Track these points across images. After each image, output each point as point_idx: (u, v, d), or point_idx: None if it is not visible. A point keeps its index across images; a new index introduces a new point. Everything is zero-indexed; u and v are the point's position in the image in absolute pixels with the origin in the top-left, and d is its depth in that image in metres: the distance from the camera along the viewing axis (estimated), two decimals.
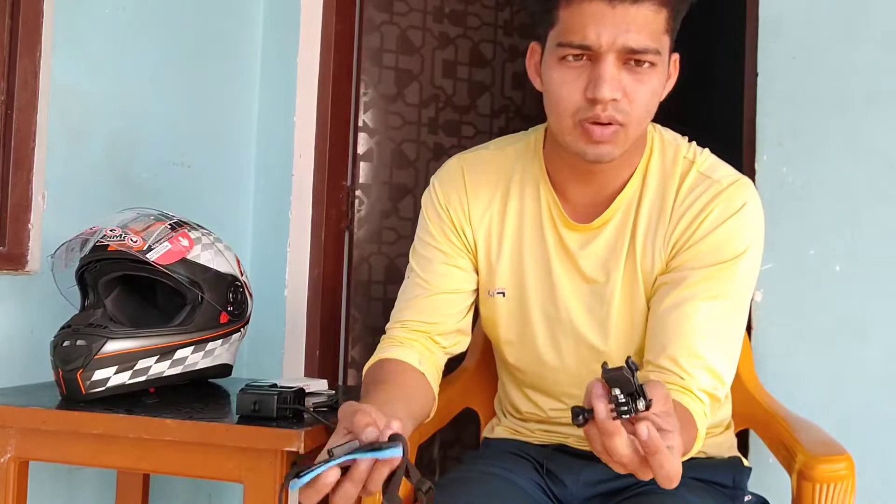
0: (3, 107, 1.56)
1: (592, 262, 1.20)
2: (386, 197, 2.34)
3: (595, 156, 1.09)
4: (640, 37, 1.03)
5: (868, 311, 1.67)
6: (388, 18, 2.33)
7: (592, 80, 1.04)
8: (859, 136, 1.69)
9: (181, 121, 1.99)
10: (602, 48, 1.03)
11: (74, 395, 1.34)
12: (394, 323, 1.30)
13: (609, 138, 1.07)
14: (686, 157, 1.18)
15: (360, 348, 2.27)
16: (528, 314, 1.25)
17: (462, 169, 1.28)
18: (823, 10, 1.72)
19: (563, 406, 1.28)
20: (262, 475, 1.23)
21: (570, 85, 1.06)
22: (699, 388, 1.06)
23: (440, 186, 1.29)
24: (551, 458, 1.28)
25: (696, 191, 1.15)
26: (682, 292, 1.11)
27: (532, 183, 1.24)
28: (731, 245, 1.12)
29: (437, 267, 1.27)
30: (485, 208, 1.26)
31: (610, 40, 1.03)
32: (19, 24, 1.56)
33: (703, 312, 1.09)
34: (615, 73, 1.04)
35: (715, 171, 1.17)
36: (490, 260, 1.27)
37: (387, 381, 1.16)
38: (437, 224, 1.28)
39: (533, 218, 1.24)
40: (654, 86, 1.07)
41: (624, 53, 1.04)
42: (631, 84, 1.05)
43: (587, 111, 1.06)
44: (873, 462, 1.50)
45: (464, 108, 2.44)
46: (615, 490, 1.23)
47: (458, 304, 1.28)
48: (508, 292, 1.26)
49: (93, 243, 1.39)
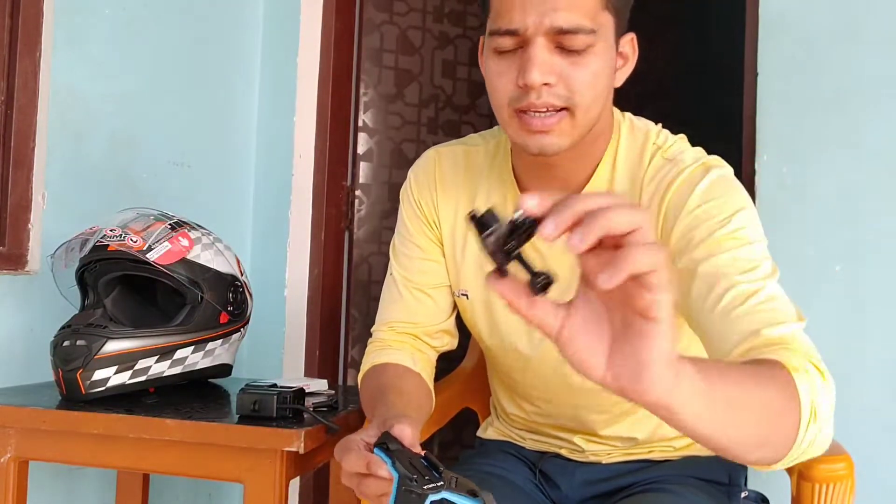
0: (3, 107, 1.56)
1: (560, 259, 1.05)
2: (386, 197, 2.34)
3: (538, 147, 1.01)
4: (571, 15, 0.96)
5: (868, 311, 1.67)
6: (388, 18, 2.33)
7: (522, 65, 0.98)
8: (859, 136, 1.68)
9: (181, 121, 1.99)
10: (528, 30, 0.97)
11: (74, 395, 1.34)
12: (380, 325, 1.28)
13: (551, 127, 1.00)
14: (655, 144, 1.11)
15: (360, 348, 2.27)
16: (495, 316, 1.21)
17: (436, 161, 1.25)
18: (823, 10, 1.72)
19: (540, 410, 1.26)
20: (262, 475, 1.23)
21: (504, 76, 1.00)
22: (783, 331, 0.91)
23: (415, 179, 1.26)
24: (544, 461, 1.28)
25: (659, 173, 1.06)
26: (707, 282, 0.97)
27: (499, 181, 1.20)
28: (712, 212, 1.00)
29: (416, 264, 1.25)
30: (453, 206, 1.23)
31: (536, 21, 0.96)
32: (19, 24, 1.56)
33: (741, 290, 0.94)
34: (545, 56, 0.97)
35: (680, 155, 1.08)
36: (455, 259, 1.24)
37: (392, 388, 1.14)
38: (413, 218, 1.26)
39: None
40: (595, 68, 0.99)
41: (553, 35, 0.97)
42: (566, 68, 0.98)
43: (521, 100, 0.99)
44: (873, 462, 1.50)
45: (464, 108, 2.44)
46: (611, 490, 1.23)
47: (441, 302, 1.26)
48: (472, 294, 1.22)
49: (93, 243, 1.39)
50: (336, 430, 1.26)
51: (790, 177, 1.72)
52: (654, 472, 1.21)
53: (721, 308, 0.93)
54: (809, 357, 0.86)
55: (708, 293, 0.95)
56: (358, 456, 0.88)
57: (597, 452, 1.24)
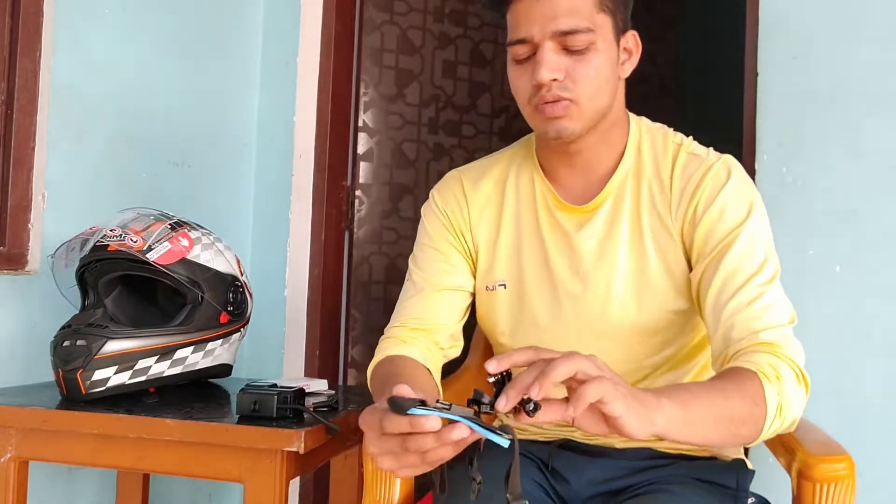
0: (3, 107, 1.56)
1: (589, 243, 1.24)
2: (386, 197, 2.34)
3: (555, 131, 1.17)
4: (569, 19, 1.12)
5: (868, 311, 1.67)
6: (388, 18, 2.33)
7: (534, 67, 1.14)
8: (859, 136, 1.68)
9: (181, 121, 1.99)
10: (535, 38, 1.13)
11: (74, 395, 1.34)
12: (393, 323, 1.31)
13: (561, 112, 1.15)
14: (674, 141, 1.26)
15: (360, 348, 2.27)
16: (528, 301, 1.27)
17: (460, 176, 1.35)
18: (823, 10, 1.72)
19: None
20: (262, 475, 1.23)
21: (522, 78, 1.17)
22: (775, 336, 1.10)
23: (439, 195, 1.35)
24: (556, 456, 1.29)
25: (689, 168, 1.22)
26: (720, 269, 1.15)
27: (527, 175, 1.30)
28: (736, 211, 1.18)
29: (434, 265, 1.31)
30: (483, 206, 1.31)
31: (541, 30, 1.13)
32: (19, 24, 1.56)
33: (751, 280, 1.14)
34: (553, 56, 1.13)
35: (701, 151, 1.24)
36: (490, 253, 1.30)
37: (402, 376, 1.16)
38: (436, 227, 1.33)
39: (528, 205, 1.29)
40: (596, 63, 1.15)
41: (558, 37, 1.13)
42: (571, 65, 1.14)
43: (536, 96, 1.16)
44: (873, 462, 1.50)
45: (464, 108, 2.44)
46: (620, 489, 1.23)
47: (455, 305, 1.31)
48: (509, 283, 1.29)
49: (93, 243, 1.39)
50: (336, 431, 1.26)
51: (790, 177, 1.72)
52: (662, 473, 1.22)
53: (727, 314, 1.12)
54: (792, 362, 1.07)
55: (718, 295, 1.14)
56: (397, 418, 0.87)
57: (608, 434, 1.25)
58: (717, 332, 1.14)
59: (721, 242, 1.16)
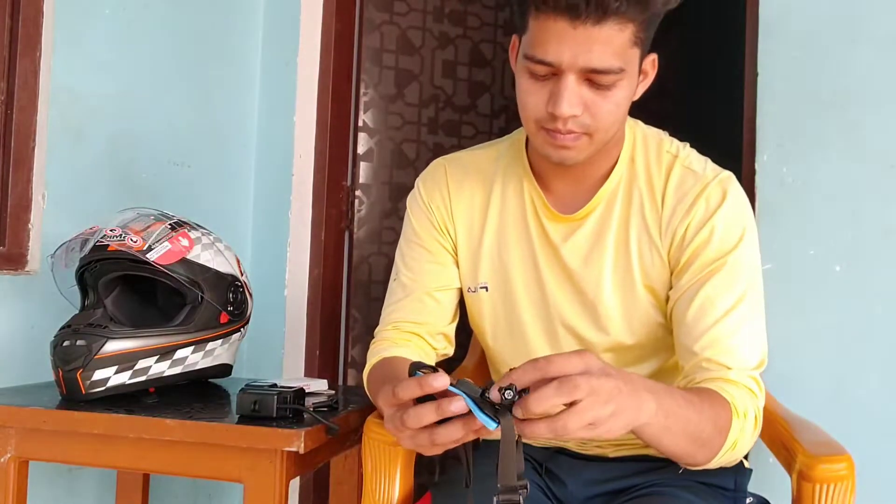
0: (3, 107, 1.56)
1: (575, 253, 1.21)
2: (386, 197, 2.34)
3: (559, 159, 1.12)
4: (604, 56, 1.03)
5: (868, 311, 1.66)
6: (388, 18, 2.33)
7: (553, 95, 1.06)
8: (859, 136, 1.68)
9: (181, 121, 1.99)
10: (563, 66, 1.04)
11: (74, 395, 1.34)
12: (384, 325, 1.30)
13: (571, 144, 1.10)
14: (669, 152, 1.21)
15: (360, 348, 2.27)
16: (516, 308, 1.25)
17: (445, 168, 1.31)
18: (823, 10, 1.71)
19: None
20: (262, 475, 1.23)
21: (535, 96, 1.08)
22: (743, 377, 1.10)
23: (423, 186, 1.32)
24: (552, 459, 1.28)
25: (683, 185, 1.17)
26: (698, 296, 1.13)
27: (515, 178, 1.26)
28: (726, 237, 1.14)
29: (423, 266, 1.29)
30: (468, 203, 1.28)
31: (571, 60, 1.03)
32: (19, 24, 1.56)
33: (730, 314, 1.12)
34: (575, 88, 1.05)
35: (698, 165, 1.19)
36: (472, 254, 1.28)
37: (401, 377, 1.15)
38: (422, 222, 1.30)
39: (516, 211, 1.25)
40: (618, 99, 1.08)
41: (586, 72, 1.04)
42: (592, 98, 1.06)
43: (548, 122, 1.08)
44: (873, 462, 1.50)
45: (464, 108, 2.44)
46: (616, 490, 1.23)
47: (445, 304, 1.29)
48: (491, 287, 1.26)
49: (93, 243, 1.39)
50: (336, 431, 1.26)
51: (790, 177, 1.72)
52: (660, 475, 1.22)
53: (700, 345, 1.11)
54: (756, 406, 1.09)
55: (693, 324, 1.12)
56: (407, 381, 0.89)
57: (602, 445, 1.24)
58: (688, 363, 1.13)
59: (705, 269, 1.13)
